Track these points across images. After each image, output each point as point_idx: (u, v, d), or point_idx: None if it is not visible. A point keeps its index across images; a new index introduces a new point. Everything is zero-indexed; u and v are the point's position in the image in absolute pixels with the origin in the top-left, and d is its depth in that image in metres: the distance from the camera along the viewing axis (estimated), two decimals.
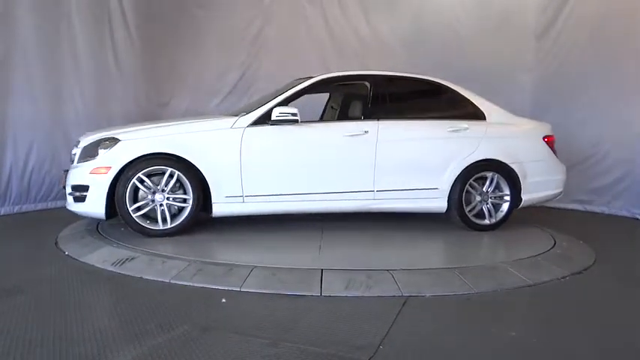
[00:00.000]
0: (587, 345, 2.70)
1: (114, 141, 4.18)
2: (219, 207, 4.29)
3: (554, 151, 5.01)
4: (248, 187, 4.29)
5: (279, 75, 5.82)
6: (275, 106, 4.37)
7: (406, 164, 4.60)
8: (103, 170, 4.09)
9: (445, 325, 2.92)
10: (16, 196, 5.60)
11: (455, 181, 4.62)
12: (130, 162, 4.10)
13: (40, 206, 5.80)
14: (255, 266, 3.50)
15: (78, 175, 4.22)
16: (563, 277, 3.69)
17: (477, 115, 4.85)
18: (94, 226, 4.64)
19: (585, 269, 3.94)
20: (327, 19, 7.51)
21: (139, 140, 4.23)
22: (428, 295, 3.25)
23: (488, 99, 5.00)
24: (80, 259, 3.82)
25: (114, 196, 4.11)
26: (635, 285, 3.72)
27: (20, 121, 5.63)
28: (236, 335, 2.61)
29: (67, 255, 3.96)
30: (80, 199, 4.17)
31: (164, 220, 4.21)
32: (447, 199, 4.64)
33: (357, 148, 4.50)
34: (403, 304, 3.08)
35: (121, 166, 4.09)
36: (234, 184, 4.27)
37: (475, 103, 4.89)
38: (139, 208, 4.16)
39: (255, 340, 2.55)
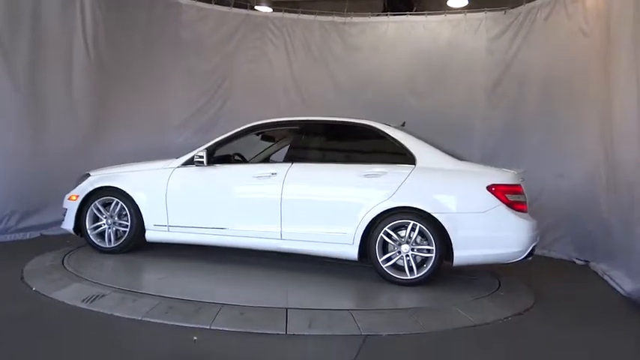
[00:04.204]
0: None
1: (86, 176, 5.25)
2: (150, 233, 5.05)
3: (514, 203, 4.36)
4: (172, 218, 4.95)
5: (242, 117, 6.11)
6: (201, 150, 4.88)
7: (312, 207, 4.66)
8: (74, 198, 5.17)
9: None
10: None
11: (367, 227, 4.45)
12: (92, 192, 5.09)
13: None
14: (224, 304, 3.69)
15: (65, 200, 5.25)
16: (505, 318, 4.02)
17: (406, 158, 4.57)
18: (59, 261, 4.72)
19: (526, 310, 4.28)
20: (292, 65, 8.08)
21: (98, 176, 5.22)
22: (384, 334, 3.50)
23: (435, 143, 4.74)
24: (50, 296, 3.88)
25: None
26: (568, 325, 4.07)
27: None
28: None
29: (35, 291, 4.01)
30: (63, 218, 5.23)
31: (109, 240, 5.10)
32: (357, 246, 4.49)
33: (264, 189, 4.76)
34: (362, 343, 3.33)
35: (84, 195, 5.10)
36: (161, 214, 4.97)
37: (406, 147, 4.62)
38: (95, 228, 5.10)
39: None
